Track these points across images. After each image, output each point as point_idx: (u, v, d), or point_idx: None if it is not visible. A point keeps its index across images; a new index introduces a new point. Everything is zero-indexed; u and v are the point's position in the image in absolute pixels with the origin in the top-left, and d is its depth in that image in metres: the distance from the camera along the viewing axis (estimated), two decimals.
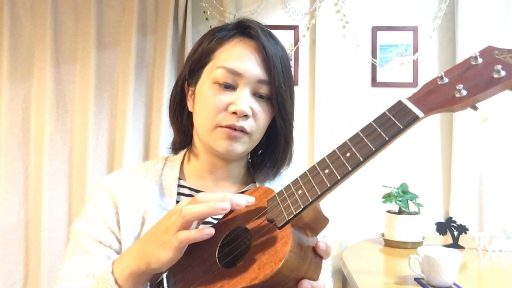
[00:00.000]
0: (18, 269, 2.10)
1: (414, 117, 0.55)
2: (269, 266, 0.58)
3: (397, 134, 0.55)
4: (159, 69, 2.09)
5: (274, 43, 0.85)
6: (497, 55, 0.54)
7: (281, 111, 0.84)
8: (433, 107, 0.55)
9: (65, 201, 2.11)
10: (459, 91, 0.53)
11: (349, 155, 0.58)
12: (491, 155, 2.04)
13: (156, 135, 2.07)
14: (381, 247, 1.83)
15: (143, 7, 2.12)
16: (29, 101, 2.13)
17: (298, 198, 0.61)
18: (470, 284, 1.44)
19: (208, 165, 0.88)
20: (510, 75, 0.51)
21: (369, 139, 0.57)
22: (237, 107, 0.79)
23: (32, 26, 2.13)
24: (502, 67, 0.52)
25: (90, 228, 0.81)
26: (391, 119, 0.57)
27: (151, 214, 0.81)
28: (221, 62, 0.82)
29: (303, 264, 0.60)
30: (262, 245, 0.62)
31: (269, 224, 0.63)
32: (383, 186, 1.88)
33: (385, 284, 1.46)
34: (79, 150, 2.11)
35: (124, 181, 0.85)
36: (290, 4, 2.16)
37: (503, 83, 0.52)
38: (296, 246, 0.60)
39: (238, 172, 0.90)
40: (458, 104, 0.53)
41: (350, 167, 0.57)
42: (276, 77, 0.82)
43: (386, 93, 2.14)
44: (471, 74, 0.55)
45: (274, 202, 0.65)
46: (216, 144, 0.82)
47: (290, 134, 0.88)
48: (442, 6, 2.10)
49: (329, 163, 0.60)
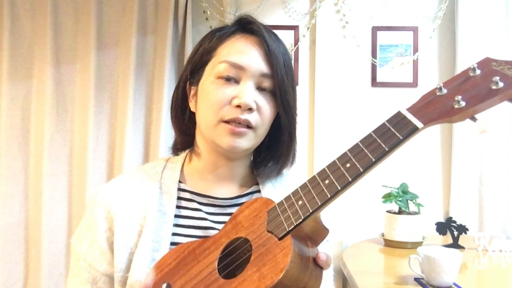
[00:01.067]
0: (18, 269, 2.10)
1: (414, 128, 0.56)
2: (270, 277, 0.58)
3: (397, 145, 0.56)
4: (159, 69, 2.09)
5: (275, 39, 0.85)
6: (495, 67, 0.55)
7: (284, 104, 0.83)
8: (433, 118, 0.55)
9: (65, 201, 2.11)
10: (458, 102, 0.54)
11: (349, 165, 0.58)
12: (491, 155, 2.04)
13: (156, 135, 2.07)
14: (381, 247, 1.83)
15: (143, 7, 2.12)
16: (29, 101, 2.13)
17: (299, 209, 0.61)
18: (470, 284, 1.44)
19: (210, 165, 0.86)
20: (508, 86, 0.52)
21: (369, 149, 0.57)
22: (241, 100, 0.78)
23: (32, 26, 2.13)
24: (500, 78, 0.52)
25: (82, 249, 0.82)
26: (390, 129, 0.57)
27: (149, 220, 0.79)
28: (223, 57, 0.81)
29: (304, 275, 0.61)
30: (262, 256, 0.62)
31: (270, 235, 0.63)
32: (383, 186, 1.88)
33: (385, 284, 1.46)
34: (79, 150, 2.11)
35: (121, 191, 0.83)
36: (290, 4, 2.16)
37: (501, 94, 0.52)
38: (297, 257, 0.60)
39: (241, 172, 0.88)
40: (457, 115, 0.54)
41: (351, 178, 0.57)
42: (278, 71, 0.81)
43: (386, 93, 2.14)
44: (469, 85, 0.55)
45: (274, 213, 0.65)
46: (220, 140, 0.80)
47: (293, 128, 0.87)
48: (442, 6, 2.10)
49: (329, 173, 0.60)
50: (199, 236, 0.80)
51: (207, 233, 0.81)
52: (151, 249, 0.77)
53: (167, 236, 0.79)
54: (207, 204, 0.85)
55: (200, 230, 0.82)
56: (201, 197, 0.85)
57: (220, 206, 0.85)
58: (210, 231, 0.80)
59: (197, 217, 0.83)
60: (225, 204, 0.85)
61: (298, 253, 0.60)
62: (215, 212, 0.84)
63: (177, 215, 0.82)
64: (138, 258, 0.76)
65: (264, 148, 0.90)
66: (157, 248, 0.77)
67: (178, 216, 0.82)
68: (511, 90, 0.52)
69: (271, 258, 0.60)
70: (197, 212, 0.83)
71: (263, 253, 0.62)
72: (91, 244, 0.81)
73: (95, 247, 0.80)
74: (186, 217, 0.83)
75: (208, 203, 0.85)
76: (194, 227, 0.82)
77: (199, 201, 0.85)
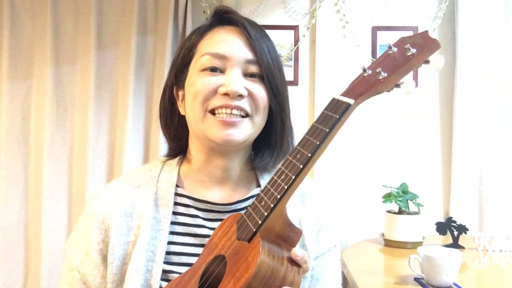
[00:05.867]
0: (18, 269, 2.10)
1: (347, 105, 0.62)
2: (243, 277, 0.59)
3: (336, 124, 0.62)
4: (159, 69, 2.09)
5: (256, 27, 0.82)
6: (408, 40, 0.65)
7: (273, 89, 0.80)
8: (361, 92, 0.63)
9: (65, 201, 2.11)
10: (380, 73, 0.63)
11: (299, 156, 0.63)
12: (491, 155, 2.04)
13: (156, 135, 2.07)
14: (381, 247, 1.83)
15: (143, 7, 2.11)
16: (29, 101, 2.13)
17: (261, 208, 0.63)
18: (470, 284, 1.44)
19: (206, 166, 0.82)
20: (419, 50, 0.61)
21: (313, 136, 0.63)
22: (228, 87, 0.75)
23: (32, 26, 2.13)
24: (411, 45, 0.62)
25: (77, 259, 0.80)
26: (328, 114, 0.64)
27: (144, 229, 0.76)
28: (205, 50, 0.79)
29: (279, 272, 0.61)
30: (235, 263, 0.62)
31: (240, 242, 0.64)
32: (383, 186, 1.88)
33: (385, 284, 1.46)
34: (79, 150, 2.11)
35: (115, 200, 0.80)
36: (290, 4, 2.16)
37: (416, 58, 0.61)
38: (267, 253, 0.60)
39: (238, 173, 0.84)
40: (382, 84, 0.62)
41: (302, 165, 0.62)
42: (263, 56, 0.79)
43: (386, 93, 2.13)
44: (389, 60, 0.64)
45: (241, 221, 0.66)
46: (211, 134, 0.76)
47: (285, 115, 0.82)
48: (442, 6, 2.10)
49: (283, 169, 0.64)
50: (195, 244, 0.78)
51: (204, 241, 0.77)
52: (146, 259, 0.75)
53: (162, 245, 0.76)
54: (205, 210, 0.81)
55: (197, 238, 0.79)
56: (199, 202, 0.81)
57: (219, 212, 0.81)
58: (207, 239, 0.75)
59: (194, 224, 0.80)
60: (224, 210, 0.81)
61: (268, 249, 0.61)
62: (214, 218, 0.81)
63: (173, 221, 0.79)
64: (132, 269, 0.74)
65: (259, 140, 0.85)
66: (152, 258, 0.75)
67: (175, 223, 0.79)
68: (423, 53, 0.61)
69: (243, 261, 0.61)
70: (195, 219, 0.80)
71: (236, 260, 0.62)
72: (84, 256, 0.79)
73: (88, 260, 0.78)
74: (183, 224, 0.80)
75: (206, 209, 0.81)
76: (191, 235, 0.79)
77: (196, 207, 0.81)
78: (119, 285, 0.75)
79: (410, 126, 2.13)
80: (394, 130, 2.13)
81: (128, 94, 2.06)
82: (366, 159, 2.11)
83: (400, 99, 2.13)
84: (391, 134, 2.13)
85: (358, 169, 2.10)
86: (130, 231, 0.77)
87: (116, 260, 0.76)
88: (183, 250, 0.78)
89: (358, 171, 2.11)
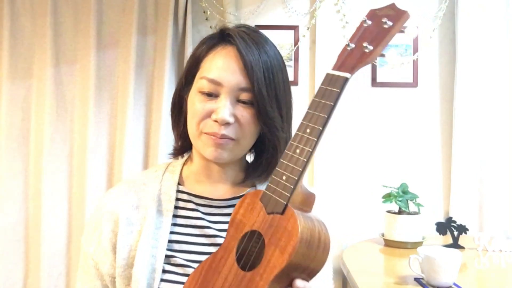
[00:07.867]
0: (18, 269, 2.10)
1: (344, 79, 0.68)
2: (290, 245, 0.64)
3: (338, 98, 0.68)
4: (159, 69, 2.09)
5: (255, 49, 0.84)
6: (379, 12, 0.72)
7: (263, 116, 0.83)
8: (353, 66, 0.69)
9: (65, 201, 2.11)
10: (366, 47, 0.68)
11: (309, 130, 0.69)
12: (491, 155, 2.04)
13: (156, 135, 2.07)
14: (381, 247, 1.83)
15: (143, 7, 2.11)
16: (29, 101, 2.13)
17: (285, 182, 0.69)
18: (470, 284, 1.44)
19: (204, 169, 0.91)
20: (394, 22, 0.69)
21: (318, 110, 0.69)
22: (218, 115, 0.82)
23: (32, 26, 2.13)
24: (388, 18, 0.69)
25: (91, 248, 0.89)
26: (327, 89, 0.70)
27: (149, 220, 0.86)
28: (204, 72, 0.85)
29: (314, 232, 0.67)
30: (274, 235, 0.67)
31: (271, 215, 0.69)
32: (383, 186, 1.88)
33: (385, 284, 1.46)
34: (79, 150, 2.11)
35: (124, 195, 0.90)
36: (290, 4, 2.16)
37: (393, 29, 0.69)
38: (302, 220, 0.67)
39: (235, 175, 0.92)
40: (370, 57, 0.69)
41: (315, 138, 0.68)
42: (255, 83, 0.82)
43: (386, 93, 2.14)
44: (368, 33, 0.71)
45: (266, 197, 0.71)
46: (204, 151, 0.85)
47: (276, 140, 0.86)
48: (442, 6, 2.10)
49: (296, 144, 0.70)
50: (195, 234, 0.87)
51: (203, 232, 0.87)
52: (151, 246, 0.85)
53: (165, 234, 0.86)
54: (204, 205, 0.90)
55: (197, 229, 0.88)
56: (198, 198, 0.90)
57: (217, 207, 0.90)
58: (206, 230, 0.87)
59: (194, 217, 0.89)
60: (221, 205, 0.90)
61: (302, 215, 0.67)
62: (212, 212, 0.90)
63: (175, 215, 0.88)
64: (139, 254, 0.84)
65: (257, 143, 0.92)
66: (156, 245, 0.85)
67: (176, 216, 0.89)
68: (398, 24, 0.69)
69: (283, 231, 0.66)
70: (195, 212, 0.89)
71: (274, 232, 0.67)
72: (97, 245, 0.89)
73: (100, 248, 0.88)
74: (184, 217, 0.89)
75: (205, 204, 0.90)
76: (192, 226, 0.88)
77: (196, 202, 0.90)
78: (126, 269, 0.85)
79: (410, 126, 2.13)
80: (394, 130, 2.13)
81: (128, 94, 2.06)
82: (366, 159, 2.11)
83: (400, 99, 2.13)
84: (391, 134, 2.13)
85: (358, 169, 2.11)
86: (137, 220, 0.87)
87: (125, 247, 0.86)
88: (184, 239, 0.87)
89: (358, 171, 2.11)
